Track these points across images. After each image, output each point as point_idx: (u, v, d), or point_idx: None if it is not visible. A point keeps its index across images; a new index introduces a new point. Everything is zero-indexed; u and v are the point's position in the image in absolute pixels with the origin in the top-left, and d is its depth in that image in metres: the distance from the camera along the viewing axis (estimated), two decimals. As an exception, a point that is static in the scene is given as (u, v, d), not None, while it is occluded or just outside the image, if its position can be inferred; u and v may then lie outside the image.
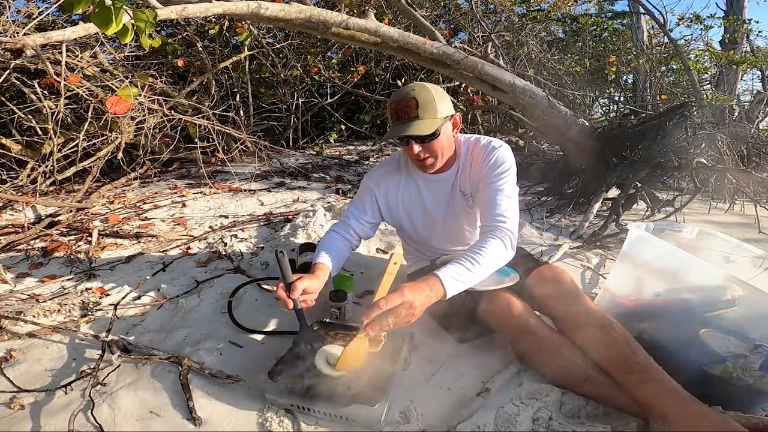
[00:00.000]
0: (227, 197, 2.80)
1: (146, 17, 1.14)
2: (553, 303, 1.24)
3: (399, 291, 0.98)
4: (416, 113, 1.19)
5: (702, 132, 2.61)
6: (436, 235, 1.46)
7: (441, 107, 1.21)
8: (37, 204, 2.30)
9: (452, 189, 1.38)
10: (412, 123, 1.19)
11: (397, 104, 1.21)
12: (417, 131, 1.19)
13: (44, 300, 1.51)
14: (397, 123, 1.22)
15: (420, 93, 1.20)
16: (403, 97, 1.21)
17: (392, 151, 4.58)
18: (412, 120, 1.19)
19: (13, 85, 2.41)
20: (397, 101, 1.22)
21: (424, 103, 1.19)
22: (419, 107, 1.19)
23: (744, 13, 4.47)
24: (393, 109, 1.23)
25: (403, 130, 1.19)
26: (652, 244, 1.24)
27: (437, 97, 1.21)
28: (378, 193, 1.42)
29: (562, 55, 5.26)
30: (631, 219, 2.61)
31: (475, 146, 1.35)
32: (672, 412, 0.93)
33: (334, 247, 1.36)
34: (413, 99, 1.19)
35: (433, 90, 1.22)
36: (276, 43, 3.98)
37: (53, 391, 1.09)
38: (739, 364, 1.04)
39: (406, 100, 1.20)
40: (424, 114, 1.19)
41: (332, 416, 1.01)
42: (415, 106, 1.19)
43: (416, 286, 1.00)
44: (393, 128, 1.23)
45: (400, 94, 1.23)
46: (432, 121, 1.20)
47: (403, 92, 1.22)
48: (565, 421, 1.02)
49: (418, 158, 1.26)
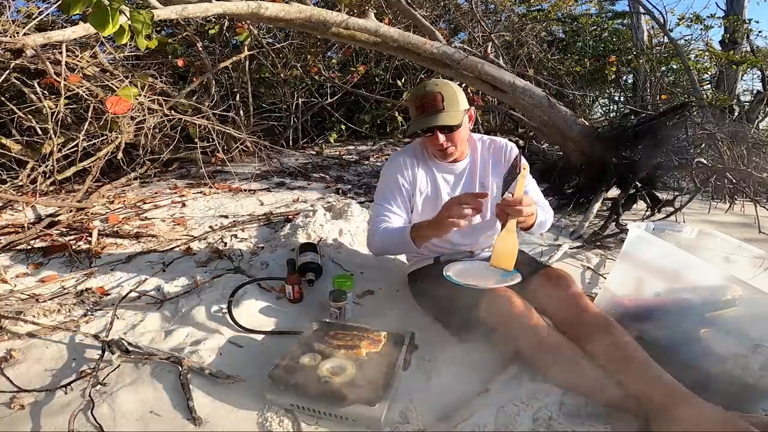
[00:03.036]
0: (227, 197, 2.80)
1: (143, 18, 1.14)
2: (555, 304, 1.24)
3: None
4: (442, 106, 1.30)
5: (702, 132, 2.61)
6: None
7: (461, 101, 1.34)
8: (37, 204, 2.30)
9: (468, 179, 1.48)
10: (439, 115, 1.30)
11: (423, 98, 1.31)
12: (445, 122, 1.30)
13: (44, 300, 1.51)
14: (424, 115, 1.32)
15: (443, 88, 1.32)
16: (429, 92, 1.31)
17: (392, 151, 4.58)
18: (439, 112, 1.30)
19: (13, 85, 2.41)
20: (423, 95, 1.32)
21: (449, 97, 1.30)
22: (445, 100, 1.30)
23: (744, 13, 4.46)
24: (419, 102, 1.32)
25: (432, 120, 1.30)
26: (652, 244, 1.24)
27: (457, 92, 1.33)
28: (403, 178, 1.45)
29: (562, 55, 5.25)
30: (631, 219, 2.61)
31: (493, 145, 1.48)
32: (673, 411, 0.93)
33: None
34: (439, 93, 1.30)
35: (454, 85, 1.34)
36: (276, 43, 3.98)
37: (53, 391, 1.09)
38: (739, 364, 1.04)
39: (432, 94, 1.31)
40: (449, 107, 1.30)
41: (332, 416, 1.01)
42: (440, 99, 1.30)
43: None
44: (420, 120, 1.32)
45: (424, 89, 1.33)
46: (456, 113, 1.32)
47: (427, 87, 1.33)
48: (565, 421, 1.02)
49: (441, 147, 1.35)
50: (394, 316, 1.48)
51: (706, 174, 2.59)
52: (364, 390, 1.02)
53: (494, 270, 1.38)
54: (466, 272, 1.35)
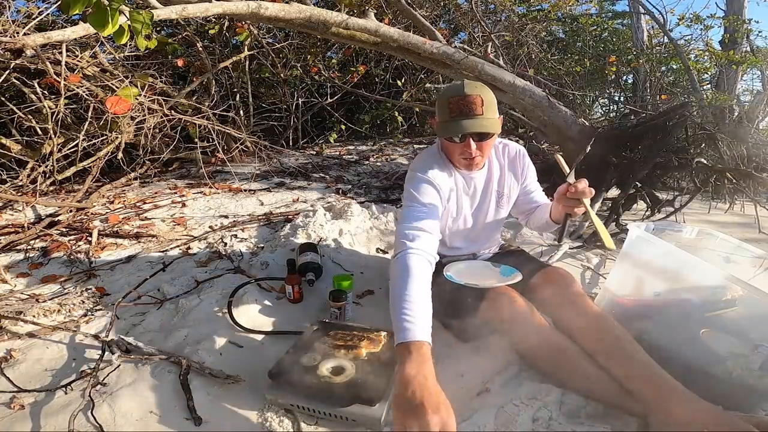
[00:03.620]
0: (227, 197, 2.79)
1: (142, 18, 1.14)
2: (556, 303, 1.24)
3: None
4: (481, 111, 1.18)
5: (702, 132, 2.61)
6: (459, 234, 1.47)
7: (496, 107, 1.23)
8: (37, 204, 2.30)
9: (485, 188, 1.42)
10: (477, 120, 1.18)
11: (462, 100, 1.18)
12: (485, 129, 1.18)
13: (44, 300, 1.51)
14: (459, 119, 1.18)
15: (482, 91, 1.20)
16: (468, 93, 1.18)
17: (392, 151, 4.58)
18: (478, 117, 1.18)
19: (13, 85, 2.41)
20: (461, 97, 1.18)
21: (488, 101, 1.19)
22: (484, 105, 1.18)
23: (744, 13, 4.46)
24: (455, 104, 1.18)
25: (469, 126, 1.17)
26: (653, 244, 1.24)
27: (494, 96, 1.23)
28: (437, 184, 1.28)
29: (562, 55, 5.25)
30: (631, 219, 2.61)
31: (506, 150, 1.42)
32: (673, 410, 0.93)
33: (425, 286, 1.05)
34: (479, 96, 1.18)
35: (490, 89, 1.23)
36: (276, 43, 3.98)
37: (53, 391, 1.09)
38: (739, 364, 1.04)
39: (473, 96, 1.17)
40: (488, 112, 1.19)
41: (332, 416, 1.01)
42: (480, 103, 1.18)
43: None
44: (453, 123, 1.19)
45: (462, 90, 1.19)
46: (494, 121, 1.21)
47: (466, 89, 1.19)
48: (565, 421, 1.02)
49: (471, 156, 1.23)
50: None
51: (706, 174, 2.59)
52: (364, 390, 1.02)
53: (494, 269, 1.39)
54: (467, 271, 1.36)
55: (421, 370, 0.88)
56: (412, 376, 0.86)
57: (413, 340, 0.93)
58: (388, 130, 5.03)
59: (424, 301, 1.01)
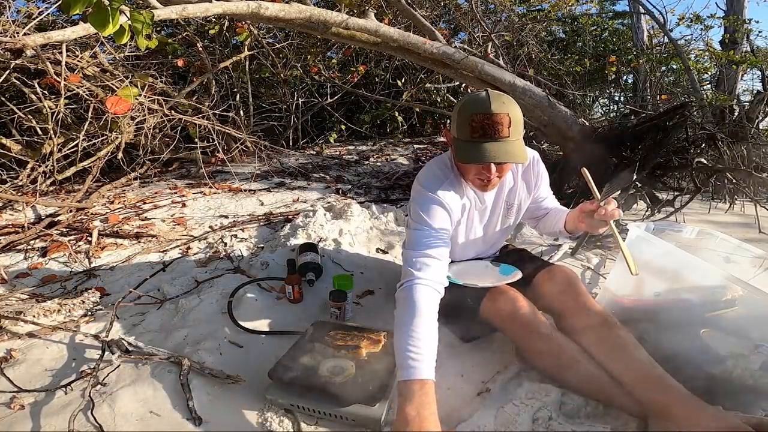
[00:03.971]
0: (227, 197, 2.79)
1: (143, 18, 1.14)
2: (559, 302, 1.24)
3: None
4: (508, 132, 1.02)
5: (702, 132, 2.61)
6: (469, 243, 1.41)
7: (523, 124, 1.09)
8: (37, 204, 2.30)
9: (497, 199, 1.34)
10: (502, 145, 1.03)
11: (487, 118, 1.01)
12: (511, 158, 1.03)
13: (44, 300, 1.50)
14: (482, 141, 1.03)
15: (511, 108, 1.03)
16: (495, 112, 1.01)
17: (392, 151, 4.58)
18: (503, 140, 1.03)
19: (13, 85, 2.41)
20: (487, 115, 1.01)
21: (516, 122, 1.04)
22: (512, 126, 1.03)
23: (744, 13, 4.46)
24: (478, 123, 1.02)
25: (496, 152, 1.02)
26: (653, 244, 1.24)
27: (521, 113, 1.06)
28: (448, 205, 1.17)
29: (562, 55, 5.25)
30: (631, 219, 2.61)
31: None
32: (673, 410, 0.93)
33: (432, 321, 1.01)
34: (506, 115, 1.02)
35: (516, 103, 1.07)
36: (276, 43, 3.98)
37: (53, 391, 1.09)
38: (739, 364, 1.04)
39: (500, 116, 1.01)
40: (515, 133, 1.04)
41: (332, 416, 1.01)
42: (507, 124, 1.02)
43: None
44: (477, 148, 1.03)
45: (488, 106, 1.02)
46: (521, 144, 1.06)
47: (493, 106, 1.02)
48: (565, 421, 1.02)
49: (488, 179, 1.10)
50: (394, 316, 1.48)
51: (706, 174, 2.58)
52: (364, 390, 1.02)
53: (494, 268, 1.39)
54: (466, 271, 1.36)
55: (421, 411, 0.87)
56: (413, 417, 0.86)
57: (417, 379, 0.92)
58: (388, 130, 5.03)
59: (430, 337, 0.98)
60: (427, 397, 0.90)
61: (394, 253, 2.04)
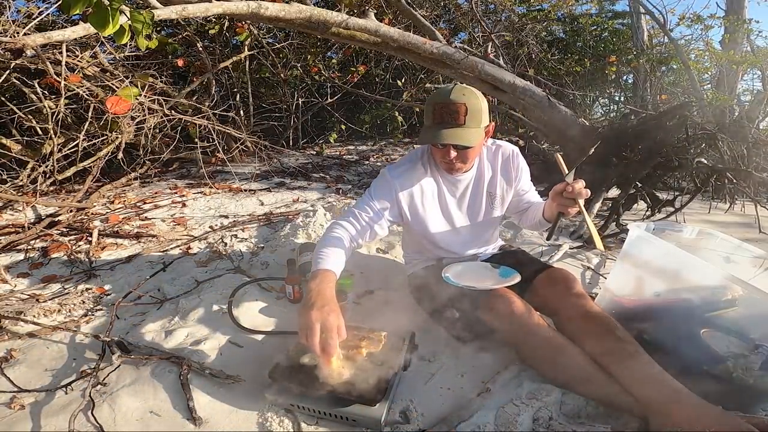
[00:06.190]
0: (227, 197, 2.80)
1: (143, 18, 1.14)
2: (557, 304, 1.24)
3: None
4: (463, 120, 1.14)
5: (702, 132, 2.61)
6: (451, 235, 1.44)
7: (484, 117, 1.18)
8: (37, 204, 2.30)
9: (474, 189, 1.39)
10: (457, 130, 1.15)
11: (444, 106, 1.14)
12: (461, 141, 1.15)
13: (44, 300, 1.51)
14: (440, 126, 1.16)
15: (470, 99, 1.14)
16: (452, 101, 1.14)
17: (392, 151, 4.58)
18: (458, 127, 1.15)
19: (13, 85, 2.41)
20: (445, 103, 1.14)
21: (473, 111, 1.14)
22: (467, 114, 1.14)
23: (744, 13, 4.46)
24: (438, 110, 1.16)
25: (447, 137, 1.14)
26: (653, 244, 1.24)
27: (483, 106, 1.17)
28: (401, 192, 1.31)
29: (562, 55, 5.25)
30: (631, 219, 2.61)
31: (498, 152, 1.39)
32: (673, 411, 0.93)
33: (340, 245, 1.22)
34: (463, 105, 1.13)
35: (480, 97, 1.18)
36: (276, 43, 3.98)
37: (53, 391, 1.09)
38: (739, 364, 1.04)
39: (456, 104, 1.13)
40: (470, 122, 1.15)
41: (332, 416, 1.01)
42: (463, 112, 1.13)
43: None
44: (434, 131, 1.16)
45: (446, 95, 1.15)
46: (476, 132, 1.17)
47: (452, 94, 1.14)
48: (565, 421, 1.02)
49: (450, 163, 1.23)
50: (394, 316, 1.48)
51: (706, 174, 2.59)
52: (364, 390, 1.02)
53: (493, 270, 1.39)
54: (465, 273, 1.36)
55: (320, 285, 1.08)
56: (312, 288, 1.07)
57: (322, 268, 1.13)
58: (388, 130, 5.03)
59: (337, 253, 1.19)
60: (327, 278, 1.11)
61: (394, 253, 2.04)
